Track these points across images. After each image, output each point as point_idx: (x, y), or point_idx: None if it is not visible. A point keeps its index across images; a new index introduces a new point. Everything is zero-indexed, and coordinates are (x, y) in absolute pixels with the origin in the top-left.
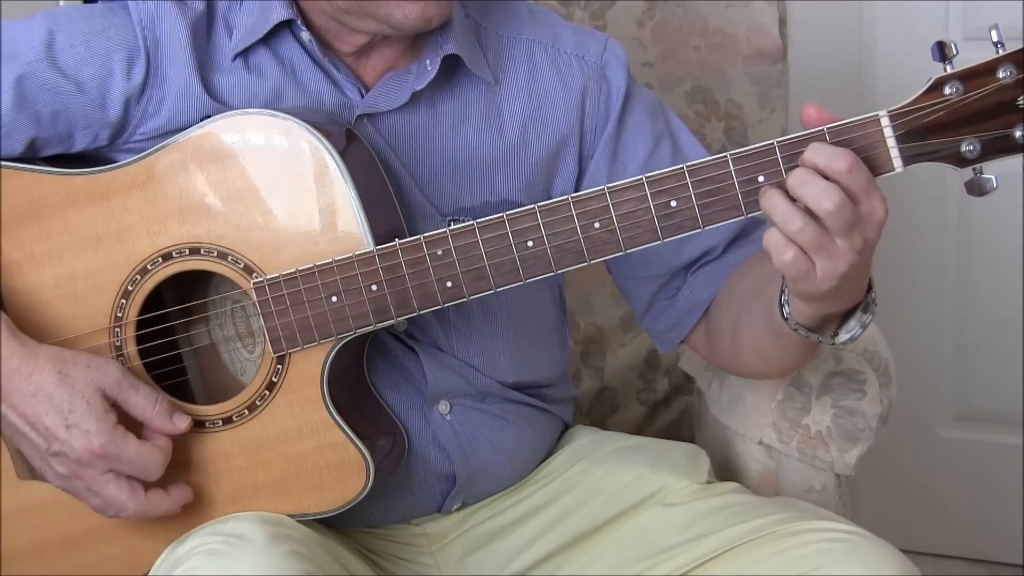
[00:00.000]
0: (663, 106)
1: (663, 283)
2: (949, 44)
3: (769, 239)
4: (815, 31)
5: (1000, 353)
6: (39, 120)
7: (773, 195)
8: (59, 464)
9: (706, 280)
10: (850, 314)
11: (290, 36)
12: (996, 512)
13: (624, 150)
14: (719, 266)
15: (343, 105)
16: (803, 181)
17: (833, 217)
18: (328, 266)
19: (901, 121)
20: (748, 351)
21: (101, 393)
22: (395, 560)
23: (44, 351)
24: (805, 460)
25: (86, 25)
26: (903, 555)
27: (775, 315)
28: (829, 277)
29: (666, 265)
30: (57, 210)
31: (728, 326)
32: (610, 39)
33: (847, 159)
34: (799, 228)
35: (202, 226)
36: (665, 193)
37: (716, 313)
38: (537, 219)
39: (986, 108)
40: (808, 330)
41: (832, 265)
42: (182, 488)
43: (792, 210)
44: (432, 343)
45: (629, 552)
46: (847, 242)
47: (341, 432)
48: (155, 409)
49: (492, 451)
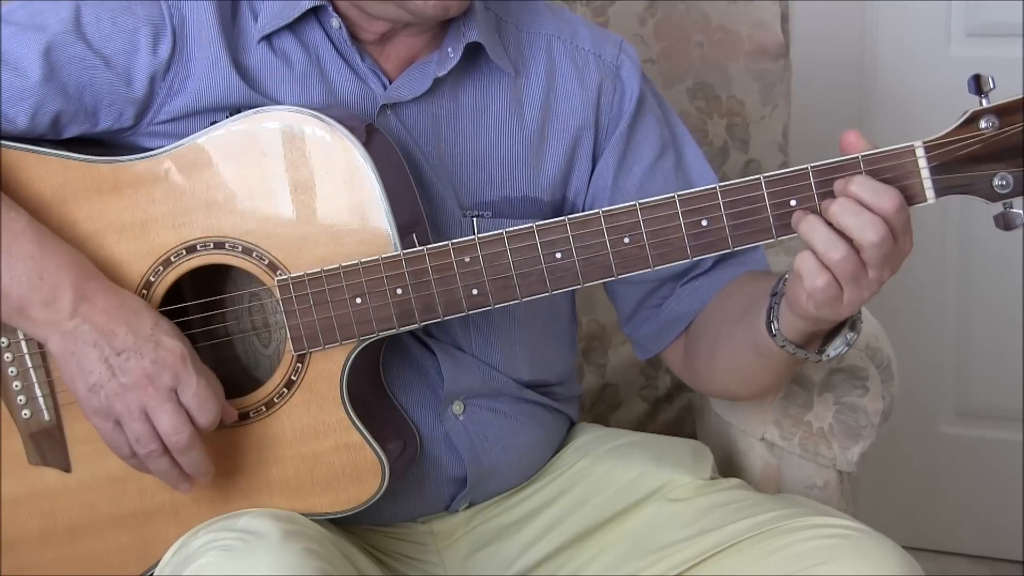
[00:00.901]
0: (672, 115)
1: (651, 291)
2: (986, 78)
3: (803, 263)
4: (817, 27)
5: (1001, 349)
6: (66, 93)
7: (814, 221)
8: (131, 367)
9: (693, 294)
10: (836, 331)
11: (315, 23)
12: (998, 508)
13: (632, 152)
14: (707, 281)
15: (366, 95)
16: (849, 211)
17: (874, 249)
18: (354, 267)
19: (936, 152)
20: (723, 369)
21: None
22: (401, 558)
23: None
24: (807, 456)
25: (112, 1)
26: (905, 551)
27: (760, 332)
28: (854, 304)
29: (657, 273)
30: (82, 197)
31: (707, 343)
32: (625, 42)
33: (896, 199)
34: (842, 257)
35: (228, 220)
36: (697, 212)
37: (697, 329)
38: (567, 231)
39: (1021, 143)
40: (796, 346)
41: (859, 294)
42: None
43: (836, 238)
44: (451, 342)
45: (632, 548)
46: (877, 273)
47: (358, 433)
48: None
49: (503, 451)
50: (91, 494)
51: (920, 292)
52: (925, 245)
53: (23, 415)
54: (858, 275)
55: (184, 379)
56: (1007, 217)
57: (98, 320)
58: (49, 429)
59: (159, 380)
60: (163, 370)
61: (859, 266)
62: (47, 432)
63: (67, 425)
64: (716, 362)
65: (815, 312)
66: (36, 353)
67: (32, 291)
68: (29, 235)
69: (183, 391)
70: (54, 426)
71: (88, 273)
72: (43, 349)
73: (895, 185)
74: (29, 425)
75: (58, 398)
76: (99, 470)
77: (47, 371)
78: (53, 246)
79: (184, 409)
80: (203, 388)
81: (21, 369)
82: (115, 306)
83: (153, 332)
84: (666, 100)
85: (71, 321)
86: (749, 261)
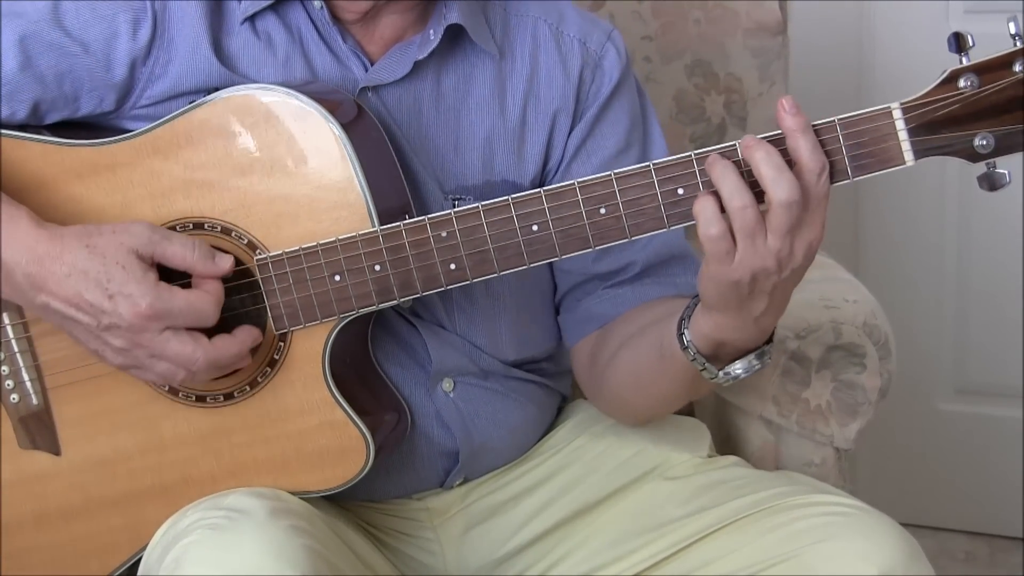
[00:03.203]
0: (651, 116)
1: (577, 283)
2: (965, 36)
3: (702, 208)
4: (815, 4)
5: (1000, 326)
6: (44, 81)
7: (728, 167)
8: (115, 338)
9: (613, 300)
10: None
11: (298, 4)
12: (996, 485)
13: (594, 139)
14: (631, 292)
15: (346, 77)
16: (772, 163)
17: (781, 209)
18: (331, 245)
19: (914, 114)
20: (622, 372)
21: (135, 254)
22: (396, 535)
23: (69, 231)
24: (805, 434)
25: None
26: (903, 529)
27: (668, 334)
28: (744, 267)
29: (584, 268)
30: (61, 181)
31: (613, 346)
32: (615, 31)
33: (822, 162)
34: (742, 206)
35: (206, 201)
36: (672, 180)
37: (609, 335)
38: (543, 203)
39: (1001, 102)
40: (698, 353)
41: (752, 257)
42: (248, 328)
43: (744, 188)
44: (435, 321)
45: (630, 526)
46: (777, 242)
47: (342, 411)
48: (195, 253)
49: (495, 427)
50: (82, 477)
51: (918, 269)
52: (924, 221)
53: (11, 399)
54: (754, 232)
55: (165, 312)
56: (991, 177)
57: (64, 294)
58: (38, 413)
59: (148, 331)
60: (145, 321)
61: (758, 222)
62: (36, 416)
63: (56, 408)
64: (616, 362)
65: (706, 270)
66: (23, 337)
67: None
68: None
69: (174, 321)
70: (42, 410)
71: (37, 237)
72: (29, 333)
73: (872, 148)
74: (18, 409)
75: (46, 382)
76: (89, 453)
77: (34, 355)
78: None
79: (186, 332)
80: (187, 304)
81: (8, 354)
82: (64, 277)
83: (111, 290)
84: (651, 104)
85: (38, 299)
86: (680, 284)
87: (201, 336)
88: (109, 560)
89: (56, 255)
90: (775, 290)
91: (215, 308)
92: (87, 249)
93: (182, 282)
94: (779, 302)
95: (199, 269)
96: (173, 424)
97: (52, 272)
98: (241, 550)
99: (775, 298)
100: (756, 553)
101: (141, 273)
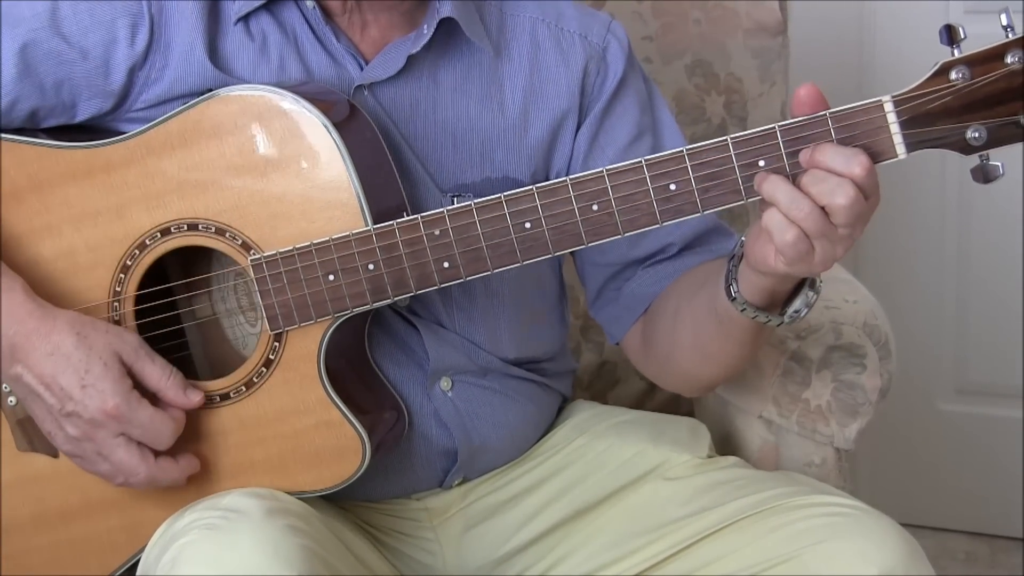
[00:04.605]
0: (659, 102)
1: (615, 273)
2: (957, 28)
3: (770, 219)
4: (816, 4)
5: (1000, 326)
6: (42, 89)
7: (776, 180)
8: (71, 426)
9: (654, 277)
10: (795, 294)
11: (292, 4)
12: (996, 485)
13: (605, 133)
14: (671, 266)
15: (341, 76)
16: (817, 178)
17: (844, 212)
18: (325, 244)
19: (905, 107)
20: (686, 347)
21: (118, 357)
22: (395, 534)
23: (62, 314)
24: (805, 434)
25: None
26: (904, 529)
27: (720, 298)
28: (827, 260)
29: (621, 256)
30: (57, 184)
31: (666, 322)
32: (614, 22)
33: (865, 163)
34: (806, 214)
35: (201, 202)
36: (665, 176)
37: (655, 311)
38: (535, 200)
39: (993, 94)
40: (756, 308)
41: (832, 249)
42: (190, 458)
43: (799, 195)
44: (434, 319)
45: (630, 526)
46: (849, 230)
47: (338, 411)
48: (169, 380)
49: (493, 427)
50: (80, 478)
51: (918, 269)
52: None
53: (9, 402)
54: (827, 231)
55: (127, 418)
56: (985, 170)
57: (40, 371)
58: None
59: (104, 429)
60: (107, 419)
61: (826, 222)
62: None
63: None
64: (677, 339)
65: (786, 268)
66: None
67: None
68: None
69: (131, 431)
70: None
71: (29, 311)
72: None
73: (864, 141)
74: (16, 412)
75: None
76: None
77: None
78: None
79: (136, 445)
80: (148, 420)
81: None
82: (46, 355)
83: (86, 381)
84: (656, 88)
85: (12, 369)
86: (717, 249)
87: (148, 454)
88: (108, 560)
89: (45, 333)
90: None
91: (172, 435)
92: (77, 337)
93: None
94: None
95: (169, 396)
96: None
97: (35, 347)
98: (237, 550)
99: None
100: (757, 554)
101: (119, 375)
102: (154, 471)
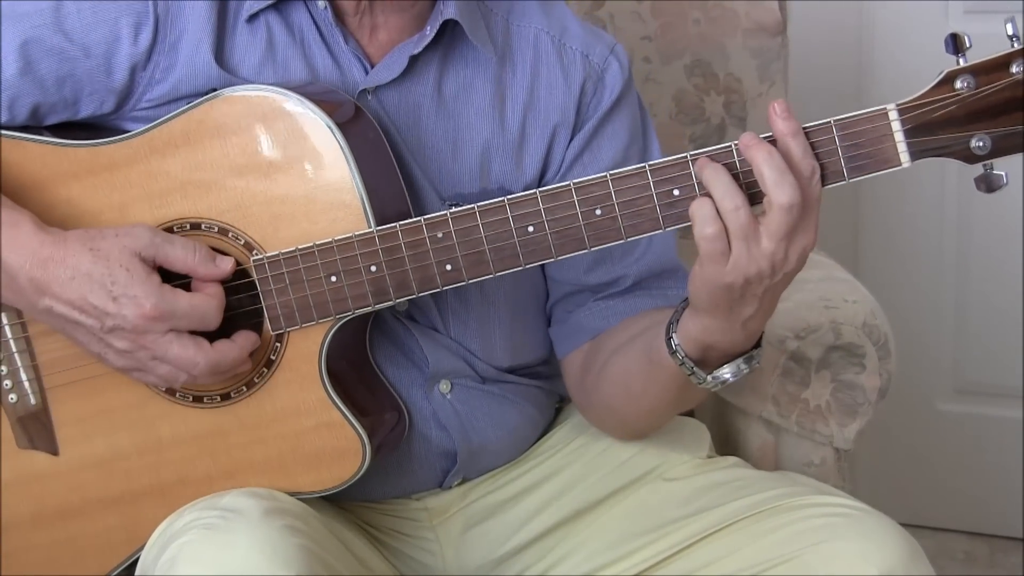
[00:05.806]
0: (651, 132)
1: (568, 293)
2: (963, 37)
3: (698, 209)
4: (815, 4)
5: (999, 326)
6: (44, 86)
7: (719, 169)
8: (118, 340)
9: (604, 313)
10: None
11: (301, 4)
12: (995, 485)
13: (591, 151)
14: (622, 304)
15: (345, 80)
16: (774, 164)
17: (781, 213)
18: (328, 245)
19: (910, 115)
20: (612, 381)
21: (138, 257)
22: (395, 534)
23: (72, 234)
24: (804, 434)
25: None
26: (904, 529)
27: (658, 340)
28: (738, 270)
29: (576, 278)
30: (60, 182)
31: (604, 355)
32: (618, 45)
33: (812, 166)
34: (735, 207)
35: (203, 201)
36: (668, 182)
37: (599, 347)
38: (538, 204)
39: (998, 104)
40: (686, 357)
41: (746, 260)
42: (246, 334)
43: (736, 189)
44: (430, 325)
45: (629, 527)
46: (772, 246)
47: (338, 412)
48: (196, 257)
49: (493, 429)
50: (79, 477)
51: (918, 268)
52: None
53: (9, 399)
54: (749, 234)
55: (169, 313)
56: (989, 179)
57: (68, 297)
58: (36, 413)
59: (151, 333)
60: (149, 323)
61: (751, 224)
62: (34, 416)
63: (53, 408)
64: (607, 370)
65: (699, 272)
66: (21, 338)
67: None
68: None
69: (177, 323)
70: (40, 410)
71: (40, 240)
72: (27, 333)
73: (868, 149)
74: (16, 409)
75: (44, 382)
76: (86, 453)
77: (32, 355)
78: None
79: (188, 335)
80: (189, 306)
81: (6, 354)
82: (68, 280)
83: (115, 293)
84: (651, 121)
85: (41, 303)
86: (671, 295)
87: (203, 340)
88: (107, 560)
89: (60, 259)
90: (765, 294)
91: (218, 311)
92: (91, 252)
93: (181, 282)
94: (768, 306)
95: (200, 272)
96: (170, 424)
97: (56, 276)
98: (236, 550)
99: (764, 302)
100: (756, 554)
101: (145, 275)
102: (212, 356)
